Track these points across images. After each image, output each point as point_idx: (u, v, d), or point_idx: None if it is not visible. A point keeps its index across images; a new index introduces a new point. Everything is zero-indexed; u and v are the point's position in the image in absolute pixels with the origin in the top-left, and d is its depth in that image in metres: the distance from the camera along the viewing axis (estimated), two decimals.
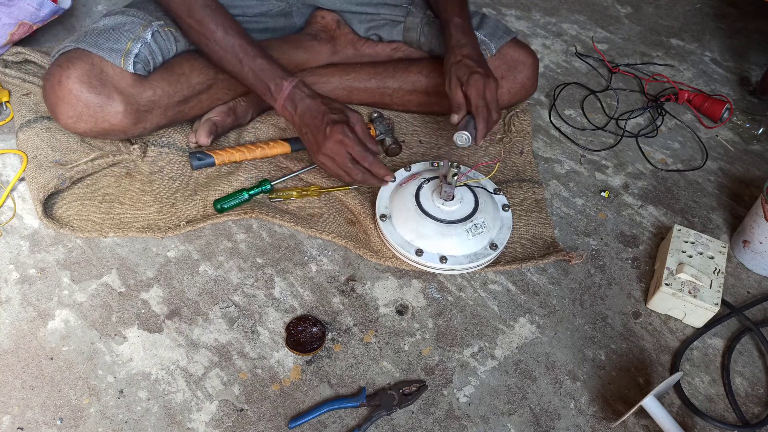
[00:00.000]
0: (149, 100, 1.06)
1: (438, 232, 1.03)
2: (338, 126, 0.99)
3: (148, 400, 0.90)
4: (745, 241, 1.13)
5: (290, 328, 0.97)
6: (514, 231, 1.14)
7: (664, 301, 1.04)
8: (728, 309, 1.06)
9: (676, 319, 1.06)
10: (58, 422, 0.87)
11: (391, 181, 1.07)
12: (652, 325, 1.06)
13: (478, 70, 1.04)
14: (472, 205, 1.06)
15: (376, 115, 1.29)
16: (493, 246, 1.05)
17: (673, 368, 1.00)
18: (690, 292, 1.01)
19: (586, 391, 0.97)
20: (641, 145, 1.36)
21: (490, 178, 1.15)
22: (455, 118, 1.05)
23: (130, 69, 1.03)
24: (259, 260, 1.07)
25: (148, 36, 1.06)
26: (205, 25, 1.02)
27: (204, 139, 1.14)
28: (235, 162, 1.17)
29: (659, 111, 1.43)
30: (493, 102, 1.04)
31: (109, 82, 1.02)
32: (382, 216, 1.07)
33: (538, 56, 1.38)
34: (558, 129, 1.37)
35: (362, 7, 1.24)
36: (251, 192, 1.12)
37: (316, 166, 1.18)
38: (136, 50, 1.03)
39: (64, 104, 1.02)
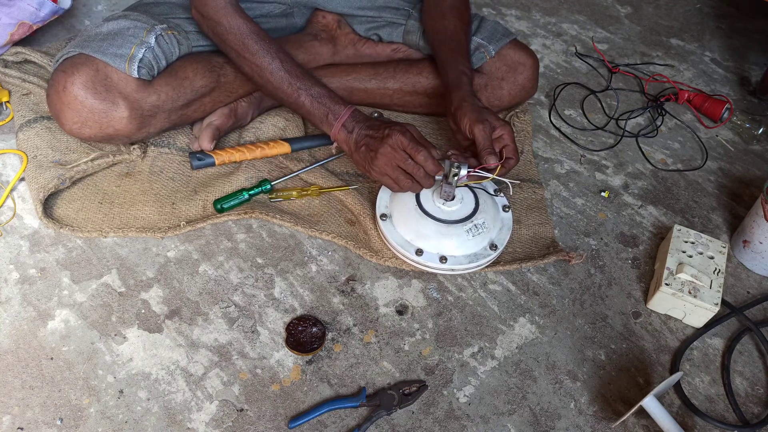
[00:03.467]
0: (153, 104, 1.07)
1: (438, 232, 1.03)
2: (396, 127, 1.00)
3: (148, 400, 0.90)
4: (745, 241, 1.13)
5: (290, 328, 0.97)
6: (514, 231, 1.14)
7: (664, 301, 1.04)
8: (728, 309, 1.06)
9: (676, 319, 1.06)
10: (58, 422, 0.87)
11: (440, 175, 1.04)
12: (652, 325, 1.06)
13: (502, 119, 1.06)
14: (473, 205, 1.06)
15: (376, 115, 1.29)
16: (493, 246, 1.05)
17: (673, 368, 1.00)
18: (690, 292, 1.01)
19: (586, 391, 0.97)
20: (641, 145, 1.36)
21: (491, 180, 1.15)
22: (494, 159, 1.03)
23: (135, 74, 1.03)
24: (259, 260, 1.07)
25: (152, 40, 1.06)
26: (260, 57, 1.04)
27: (207, 145, 1.15)
28: (235, 162, 1.17)
29: (659, 111, 1.43)
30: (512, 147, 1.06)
31: (114, 88, 1.02)
32: (383, 216, 1.07)
33: (538, 56, 1.38)
34: (558, 129, 1.37)
35: (364, 10, 1.25)
36: (251, 192, 1.12)
37: (317, 165, 1.18)
38: (141, 55, 1.03)
39: (69, 110, 1.02)
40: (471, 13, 1.21)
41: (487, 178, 1.03)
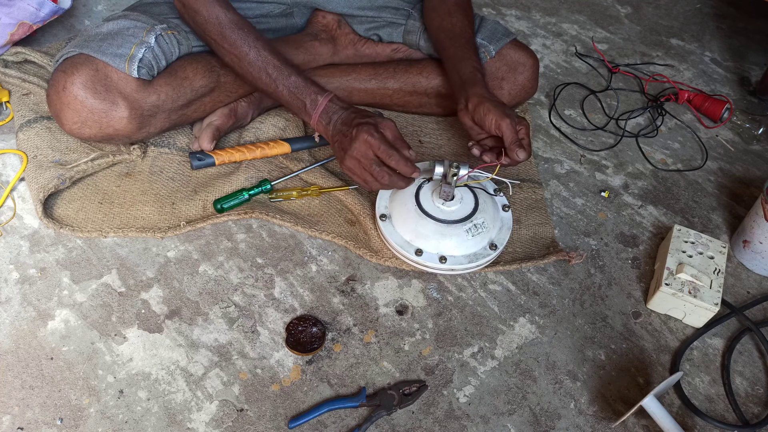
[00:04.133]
0: (153, 104, 1.07)
1: (437, 232, 1.03)
2: (364, 127, 0.97)
3: (148, 400, 0.90)
4: (745, 241, 1.13)
5: (290, 328, 0.97)
6: (514, 231, 1.14)
7: (664, 301, 1.04)
8: (728, 309, 1.06)
9: (676, 319, 1.06)
10: (58, 422, 0.87)
11: (417, 177, 1.02)
12: (652, 325, 1.06)
13: (512, 108, 1.05)
14: (472, 205, 1.06)
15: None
16: (492, 246, 1.05)
17: (673, 368, 1.00)
18: (690, 292, 1.01)
19: (586, 391, 0.97)
20: (641, 145, 1.36)
21: (492, 180, 1.15)
22: (524, 153, 1.02)
23: (135, 74, 1.03)
24: (259, 260, 1.07)
25: (152, 40, 1.06)
26: (238, 47, 1.03)
27: (207, 145, 1.15)
28: (235, 162, 1.17)
29: (659, 111, 1.43)
30: (526, 140, 1.04)
31: (114, 88, 1.02)
32: (382, 216, 1.07)
33: (538, 56, 1.38)
34: (558, 129, 1.37)
35: (363, 10, 1.24)
36: (251, 192, 1.12)
37: (317, 165, 1.18)
38: (140, 55, 1.03)
39: (69, 110, 1.02)
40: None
41: (488, 177, 1.03)
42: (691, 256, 1.06)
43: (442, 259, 1.03)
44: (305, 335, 0.97)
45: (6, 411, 0.87)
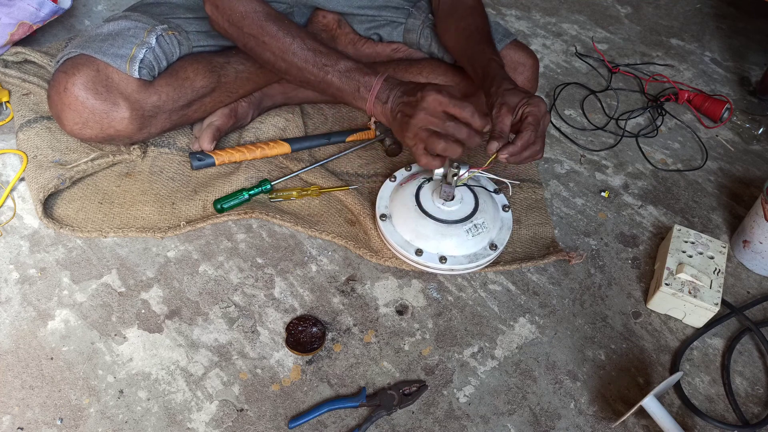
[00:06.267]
0: (154, 105, 1.06)
1: (438, 232, 1.03)
2: (430, 87, 0.92)
3: (148, 400, 0.90)
4: (745, 241, 1.13)
5: (290, 328, 0.97)
6: (514, 231, 1.14)
7: (664, 301, 1.04)
8: (728, 309, 1.06)
9: (676, 319, 1.06)
10: (58, 422, 0.87)
11: (487, 129, 0.95)
12: (652, 325, 1.06)
13: (537, 96, 0.97)
14: (472, 205, 1.06)
15: None
16: (493, 246, 1.05)
17: (673, 368, 1.00)
18: (690, 292, 1.01)
19: (586, 391, 0.97)
20: (641, 145, 1.36)
21: (492, 180, 1.15)
22: (494, 145, 0.95)
23: (136, 75, 1.03)
24: (259, 260, 1.07)
25: (153, 41, 1.05)
26: (280, 38, 0.99)
27: (207, 145, 1.15)
28: (235, 162, 1.17)
29: (659, 111, 1.43)
30: (543, 132, 0.97)
31: (115, 89, 1.02)
32: (382, 216, 1.07)
33: (538, 56, 1.38)
34: (558, 129, 1.37)
35: (364, 9, 1.24)
36: (251, 192, 1.12)
37: (317, 165, 1.18)
38: (141, 56, 1.03)
39: (70, 111, 1.02)
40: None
41: (482, 168, 1.00)
42: (691, 256, 1.06)
43: (442, 259, 1.03)
44: (305, 335, 0.97)
45: (6, 411, 0.87)
